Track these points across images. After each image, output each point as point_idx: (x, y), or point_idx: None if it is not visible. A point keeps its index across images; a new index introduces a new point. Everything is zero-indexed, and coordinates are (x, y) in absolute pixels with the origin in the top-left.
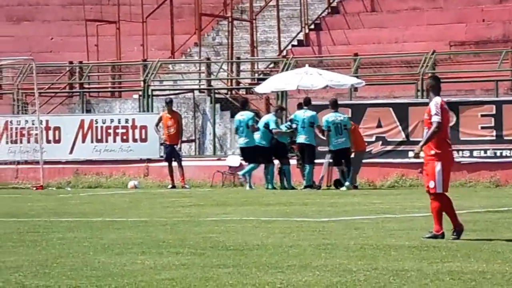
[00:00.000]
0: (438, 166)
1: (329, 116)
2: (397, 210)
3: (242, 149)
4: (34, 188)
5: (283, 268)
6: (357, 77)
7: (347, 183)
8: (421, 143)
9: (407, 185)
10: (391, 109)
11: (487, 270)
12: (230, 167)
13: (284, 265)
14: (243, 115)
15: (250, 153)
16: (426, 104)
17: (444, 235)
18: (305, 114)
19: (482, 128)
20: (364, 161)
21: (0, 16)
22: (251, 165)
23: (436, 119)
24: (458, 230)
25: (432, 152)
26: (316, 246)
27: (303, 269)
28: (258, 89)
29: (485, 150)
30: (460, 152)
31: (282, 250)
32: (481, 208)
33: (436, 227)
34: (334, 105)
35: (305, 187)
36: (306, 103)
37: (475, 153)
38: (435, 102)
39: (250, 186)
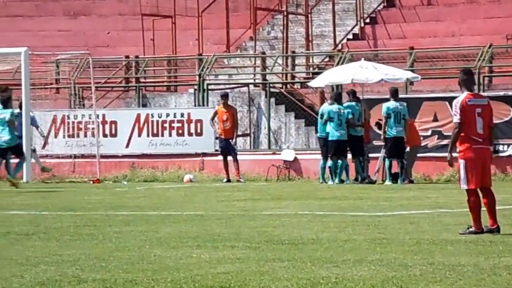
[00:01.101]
0: (461, 163)
1: (390, 104)
2: (453, 204)
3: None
4: (91, 182)
5: (338, 263)
6: (412, 71)
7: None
8: (448, 149)
9: None
10: (447, 103)
11: None
12: (284, 161)
13: (339, 260)
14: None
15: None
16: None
17: (484, 230)
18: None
19: None
20: (420, 155)
21: (58, 11)
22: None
23: (455, 119)
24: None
25: (457, 149)
26: (371, 241)
27: (358, 263)
28: (313, 83)
29: None
30: None
31: (337, 244)
32: None
33: (473, 224)
34: (395, 94)
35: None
36: (353, 95)
37: None
38: (456, 101)
39: (333, 180)
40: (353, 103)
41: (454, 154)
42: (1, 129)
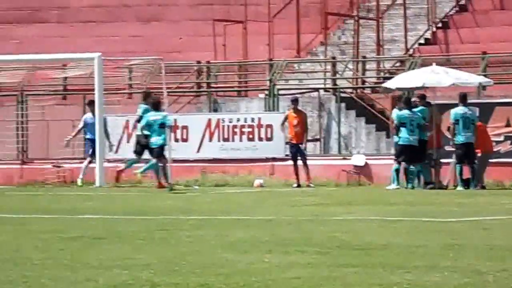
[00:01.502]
0: None
1: (458, 109)
2: None
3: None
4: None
5: (409, 268)
6: (485, 75)
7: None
8: None
9: None
10: None
11: None
12: (355, 166)
13: (410, 265)
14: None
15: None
16: None
17: None
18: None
19: None
20: (492, 160)
21: (130, 17)
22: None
23: None
24: None
25: None
26: (443, 246)
27: (430, 269)
28: (386, 85)
29: None
30: None
31: (408, 250)
32: None
33: None
34: (463, 99)
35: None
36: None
37: None
38: None
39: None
40: (426, 108)
41: None
42: (155, 131)
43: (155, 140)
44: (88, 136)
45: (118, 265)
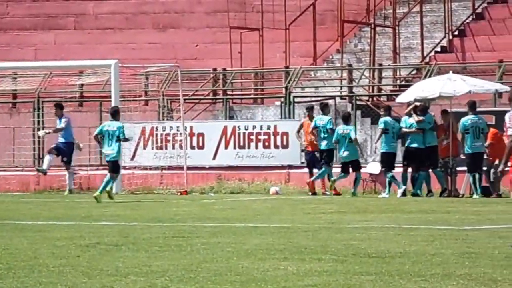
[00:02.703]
0: None
1: (467, 119)
2: None
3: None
4: (179, 194)
5: (426, 277)
6: (502, 83)
7: (475, 194)
8: (502, 161)
9: None
10: None
11: None
12: (370, 174)
13: (427, 273)
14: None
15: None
16: None
17: None
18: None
19: None
20: (508, 168)
21: (147, 24)
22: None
23: (510, 132)
24: None
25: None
26: (459, 255)
27: (446, 277)
28: (400, 98)
29: None
30: None
31: (425, 258)
32: None
33: None
34: (472, 108)
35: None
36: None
37: None
38: (510, 114)
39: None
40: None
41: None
42: (107, 142)
43: (108, 152)
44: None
45: (134, 272)
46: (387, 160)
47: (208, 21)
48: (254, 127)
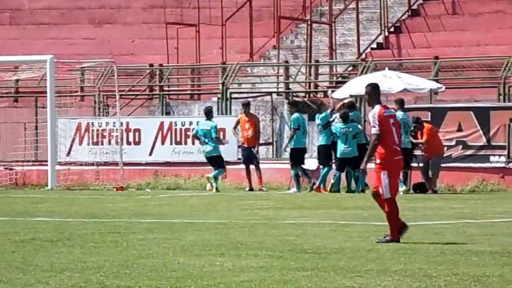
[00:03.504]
0: (384, 174)
1: (397, 114)
2: (478, 215)
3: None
4: (115, 189)
5: (361, 272)
6: (437, 80)
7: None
8: (365, 158)
9: (488, 190)
10: (471, 113)
11: None
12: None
13: (362, 269)
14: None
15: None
16: (509, 108)
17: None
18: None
19: None
20: (444, 165)
21: (82, 19)
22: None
23: (373, 131)
24: (389, 239)
25: (378, 161)
26: (395, 251)
27: (382, 273)
28: (336, 94)
29: None
30: None
31: (360, 254)
32: None
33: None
34: (401, 105)
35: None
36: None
37: None
38: (373, 113)
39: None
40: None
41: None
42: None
43: (207, 149)
44: None
45: (69, 268)
46: (299, 156)
47: (144, 16)
48: (190, 123)
